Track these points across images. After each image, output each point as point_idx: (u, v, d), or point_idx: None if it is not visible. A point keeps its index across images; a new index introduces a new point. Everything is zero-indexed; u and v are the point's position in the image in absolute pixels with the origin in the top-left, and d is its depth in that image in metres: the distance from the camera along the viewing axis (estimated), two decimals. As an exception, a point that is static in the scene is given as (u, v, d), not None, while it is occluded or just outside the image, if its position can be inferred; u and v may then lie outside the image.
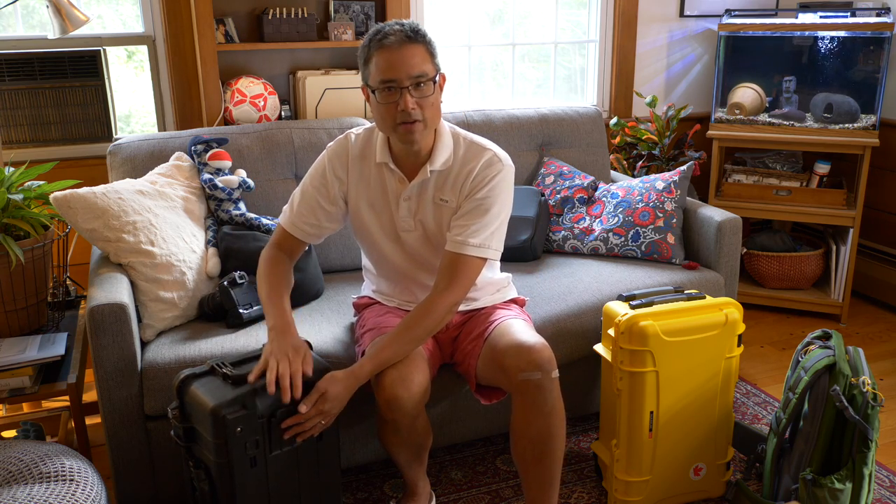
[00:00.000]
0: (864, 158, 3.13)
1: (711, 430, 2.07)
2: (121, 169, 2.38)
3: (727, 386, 2.05)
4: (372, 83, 1.76)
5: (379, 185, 1.91)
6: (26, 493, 1.52)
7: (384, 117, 1.78)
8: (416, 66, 1.72)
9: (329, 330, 2.11)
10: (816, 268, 3.35)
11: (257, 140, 2.52)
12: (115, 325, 1.85)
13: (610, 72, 3.51)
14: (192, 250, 2.17)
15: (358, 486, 2.21)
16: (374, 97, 1.77)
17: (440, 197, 1.88)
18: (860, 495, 1.91)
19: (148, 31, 2.81)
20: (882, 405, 1.89)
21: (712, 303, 2.03)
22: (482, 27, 3.36)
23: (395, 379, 1.72)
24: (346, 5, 2.91)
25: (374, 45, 1.74)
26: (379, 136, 1.90)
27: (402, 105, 1.73)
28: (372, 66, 1.75)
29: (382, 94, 1.74)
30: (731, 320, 2.00)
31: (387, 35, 1.73)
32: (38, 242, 2.10)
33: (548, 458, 1.80)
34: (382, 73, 1.73)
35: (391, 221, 1.92)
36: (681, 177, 2.64)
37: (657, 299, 2.02)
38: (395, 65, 1.71)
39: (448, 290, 1.79)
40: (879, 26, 3.06)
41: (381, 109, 1.77)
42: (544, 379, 1.73)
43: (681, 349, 1.95)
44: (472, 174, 1.85)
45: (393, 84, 1.72)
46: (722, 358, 2.02)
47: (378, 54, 1.73)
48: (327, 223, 1.94)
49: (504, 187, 1.86)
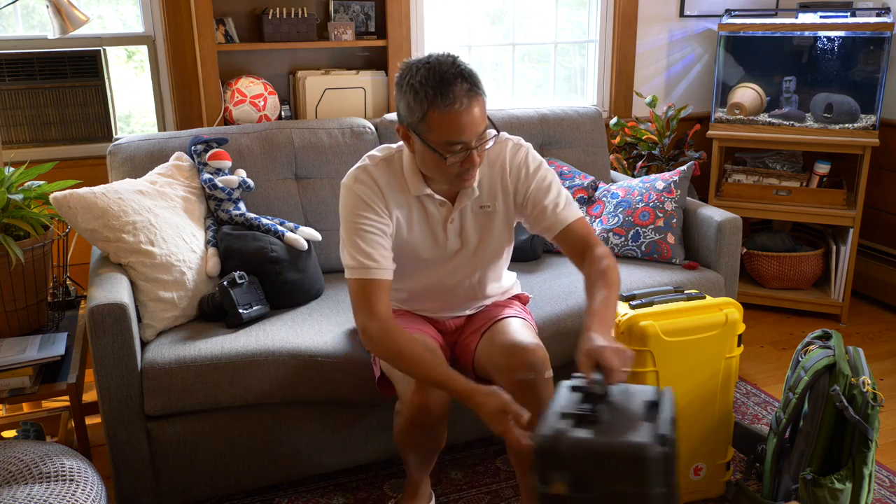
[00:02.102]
0: (864, 158, 3.13)
1: (711, 430, 2.07)
2: (121, 169, 2.38)
3: (727, 386, 2.05)
4: (431, 141, 1.63)
5: (421, 213, 1.82)
6: (26, 493, 1.52)
7: (441, 170, 1.68)
8: (482, 121, 1.64)
9: (329, 330, 2.11)
10: (816, 268, 3.35)
11: (257, 140, 2.52)
12: (115, 325, 1.85)
13: (610, 72, 3.51)
14: (191, 250, 2.17)
15: (358, 486, 2.21)
16: (427, 150, 1.65)
17: (480, 205, 1.85)
18: (860, 495, 1.91)
19: (148, 31, 2.81)
20: (882, 405, 1.89)
21: (712, 303, 2.03)
22: (482, 27, 3.36)
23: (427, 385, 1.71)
24: (346, 5, 2.91)
25: (436, 100, 1.59)
26: (410, 168, 1.77)
27: (469, 163, 1.66)
28: (432, 122, 1.61)
29: (446, 154, 1.64)
30: (732, 320, 2.00)
31: (453, 98, 1.58)
32: (38, 242, 2.10)
33: None
34: (450, 136, 1.61)
35: (437, 245, 1.86)
36: (681, 177, 2.64)
37: (657, 299, 2.02)
38: (464, 128, 1.61)
39: (597, 244, 1.79)
40: (879, 26, 3.06)
41: (440, 165, 1.66)
42: (538, 379, 1.74)
43: (681, 349, 1.95)
44: (506, 170, 1.83)
45: (462, 146, 1.63)
46: (722, 358, 2.02)
47: (441, 114, 1.59)
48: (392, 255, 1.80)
49: (538, 157, 1.86)
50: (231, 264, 2.20)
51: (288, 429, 2.07)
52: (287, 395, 2.01)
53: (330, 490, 2.20)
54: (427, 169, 1.72)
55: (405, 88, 1.63)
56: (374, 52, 2.99)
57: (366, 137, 2.64)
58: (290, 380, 1.99)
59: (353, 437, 2.13)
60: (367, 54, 3.01)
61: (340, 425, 2.11)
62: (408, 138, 1.70)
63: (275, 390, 1.99)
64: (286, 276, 2.24)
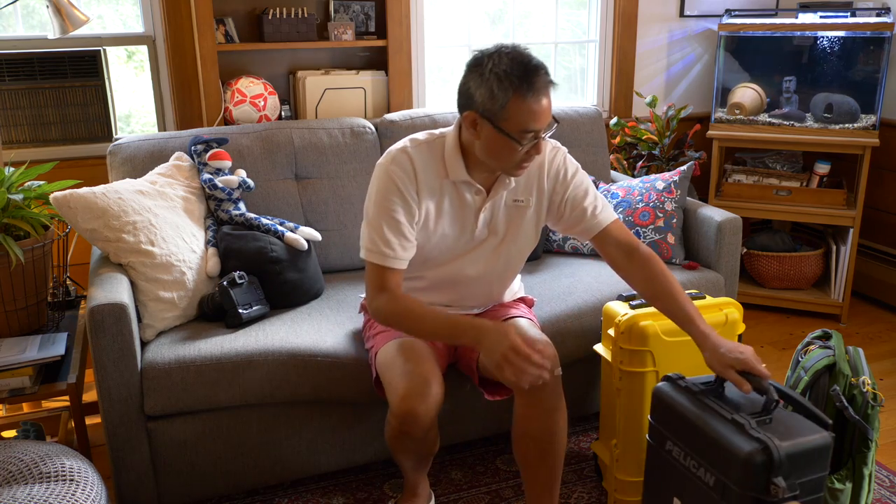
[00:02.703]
0: (864, 158, 3.13)
1: None
2: (121, 169, 2.38)
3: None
4: (507, 128, 1.66)
5: (454, 199, 1.84)
6: (26, 493, 1.52)
7: (506, 157, 1.71)
8: (550, 111, 1.69)
9: (329, 329, 2.11)
10: (816, 268, 3.35)
11: (257, 140, 2.52)
12: (115, 325, 1.85)
13: (610, 72, 3.51)
14: (191, 250, 2.17)
15: (358, 486, 2.21)
16: (499, 136, 1.68)
17: (513, 199, 1.88)
18: (860, 495, 1.91)
19: (148, 31, 2.81)
20: (882, 405, 1.89)
21: (712, 303, 2.02)
22: (482, 27, 3.36)
23: (413, 393, 1.70)
24: (346, 5, 2.91)
25: (521, 88, 1.63)
26: (453, 154, 1.79)
27: (536, 151, 1.71)
28: (513, 110, 1.64)
29: (522, 141, 1.68)
30: (731, 320, 2.00)
31: (538, 87, 1.64)
32: (38, 242, 2.10)
33: (550, 456, 1.80)
34: (528, 123, 1.65)
35: (464, 232, 1.87)
36: (681, 177, 2.64)
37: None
38: (540, 117, 1.66)
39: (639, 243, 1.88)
40: (879, 26, 3.06)
41: (508, 151, 1.69)
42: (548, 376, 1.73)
43: (681, 349, 1.95)
44: (543, 170, 1.87)
45: (535, 134, 1.68)
46: None
47: (524, 102, 1.64)
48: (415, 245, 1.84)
49: (575, 162, 1.92)
50: (231, 264, 2.20)
51: (288, 429, 2.07)
52: (287, 395, 2.01)
53: (330, 490, 2.20)
54: (491, 155, 1.73)
55: (488, 76, 1.65)
56: (374, 52, 2.99)
57: (366, 137, 2.64)
58: (290, 380, 1.99)
59: (353, 437, 2.13)
60: (367, 54, 3.01)
61: (340, 425, 2.11)
62: (475, 125, 1.71)
63: (275, 390, 1.99)
64: (286, 276, 2.24)
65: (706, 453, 1.65)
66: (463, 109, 1.72)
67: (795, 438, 1.59)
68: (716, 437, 1.62)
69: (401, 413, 1.70)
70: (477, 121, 1.70)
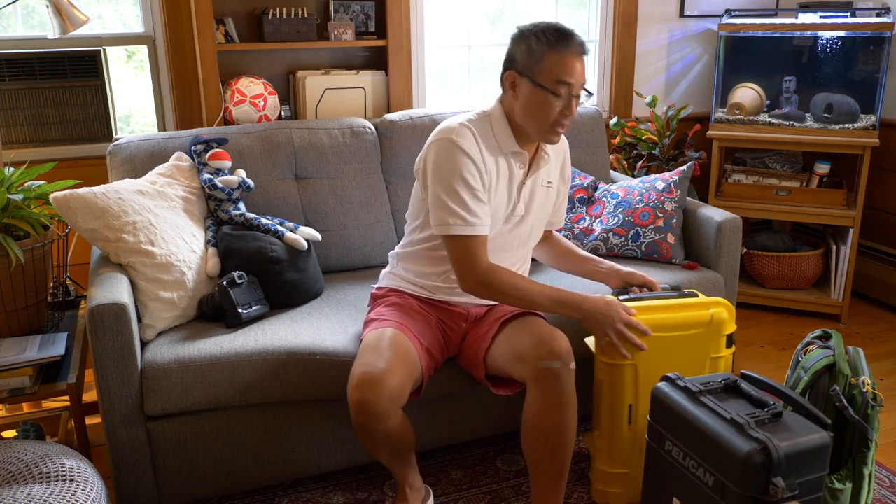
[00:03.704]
0: (864, 158, 3.13)
1: None
2: (121, 169, 2.38)
3: None
4: (543, 80, 1.80)
5: (507, 172, 1.94)
6: (26, 493, 1.52)
7: (542, 114, 1.83)
8: (584, 76, 1.84)
9: (329, 329, 2.11)
10: (816, 268, 3.35)
11: (257, 140, 2.52)
12: (115, 325, 1.86)
13: (610, 72, 3.51)
14: (191, 250, 2.17)
15: (358, 486, 2.21)
16: (537, 92, 1.81)
17: (547, 180, 2.04)
18: (860, 495, 1.92)
19: (148, 31, 2.81)
20: (882, 405, 1.89)
21: (700, 301, 2.02)
22: (482, 27, 3.36)
23: (366, 381, 1.71)
24: (346, 5, 2.91)
25: (559, 47, 1.79)
26: (500, 125, 1.91)
27: (570, 110, 1.83)
28: (548, 62, 1.79)
29: (551, 93, 1.80)
30: (718, 320, 1.98)
31: (570, 42, 1.80)
32: (38, 242, 2.10)
33: (559, 449, 1.81)
34: (562, 74, 1.79)
35: (509, 206, 1.96)
36: (681, 177, 2.64)
37: (648, 295, 2.02)
38: (575, 70, 1.80)
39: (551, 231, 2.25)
40: (879, 26, 3.06)
41: (543, 107, 1.82)
42: (563, 369, 1.75)
43: (660, 345, 1.94)
44: (566, 158, 2.12)
45: (569, 87, 1.80)
46: (707, 357, 2.00)
47: (559, 55, 1.79)
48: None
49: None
50: (231, 264, 2.20)
51: (288, 429, 2.07)
52: (287, 395, 2.01)
53: (330, 490, 2.20)
54: (529, 114, 1.85)
55: (527, 36, 1.83)
56: (374, 52, 2.99)
57: (366, 137, 2.64)
58: (290, 379, 1.99)
59: (353, 437, 2.13)
60: (367, 54, 3.01)
61: (340, 425, 2.11)
62: (514, 86, 1.86)
63: (275, 390, 1.99)
64: (286, 276, 2.24)
65: (705, 453, 1.66)
66: (504, 72, 1.88)
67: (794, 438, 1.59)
68: (715, 437, 1.62)
69: (352, 402, 1.72)
70: (516, 80, 1.85)
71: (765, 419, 1.64)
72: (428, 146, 1.89)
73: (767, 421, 1.64)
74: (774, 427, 1.62)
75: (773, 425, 1.63)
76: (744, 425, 1.60)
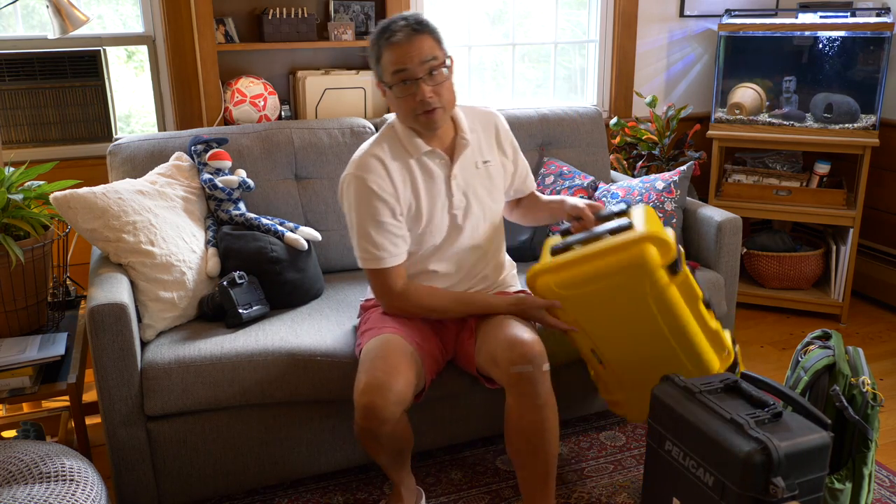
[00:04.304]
0: (864, 158, 3.13)
1: (672, 351, 1.91)
2: (121, 169, 2.38)
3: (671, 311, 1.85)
4: (386, 79, 1.83)
5: (425, 175, 1.92)
6: (26, 493, 1.52)
7: (404, 110, 1.85)
8: (427, 53, 1.79)
9: (329, 329, 2.11)
10: (816, 268, 3.35)
11: (257, 140, 2.52)
12: (115, 325, 1.86)
13: (610, 72, 3.51)
14: (191, 250, 2.17)
15: (358, 486, 2.21)
16: (391, 92, 1.84)
17: (481, 161, 1.99)
18: (860, 495, 1.92)
19: (148, 31, 2.81)
20: (882, 405, 1.89)
21: (622, 243, 1.82)
22: (482, 27, 3.36)
23: (373, 386, 1.71)
24: (346, 5, 2.91)
25: (384, 43, 1.80)
26: (404, 133, 1.91)
27: (420, 95, 1.80)
28: (384, 61, 1.81)
29: (399, 87, 1.81)
30: (639, 261, 1.80)
31: (394, 32, 1.79)
32: (38, 242, 2.10)
33: (542, 451, 1.81)
34: (395, 64, 1.79)
35: (446, 204, 1.94)
36: (681, 177, 2.64)
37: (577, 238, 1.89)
38: (405, 56, 1.78)
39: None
40: (879, 26, 3.06)
41: (401, 103, 1.84)
42: (535, 372, 1.75)
43: (587, 299, 1.87)
44: (498, 130, 2.05)
45: (406, 74, 1.79)
46: (645, 296, 1.83)
47: (388, 50, 1.80)
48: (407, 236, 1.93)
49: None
50: (231, 264, 2.20)
51: (288, 429, 2.07)
52: (287, 395, 2.01)
53: (330, 490, 2.20)
54: (398, 113, 1.88)
55: (370, 47, 1.86)
56: (374, 52, 2.99)
57: (366, 137, 2.64)
58: (290, 379, 1.99)
59: (352, 436, 2.13)
60: (367, 54, 3.01)
61: (340, 425, 2.11)
62: (384, 95, 1.89)
63: (275, 390, 1.99)
64: (286, 276, 2.24)
65: (705, 453, 1.66)
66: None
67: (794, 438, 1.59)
68: (715, 437, 1.62)
69: (359, 407, 1.72)
70: (381, 89, 1.89)
71: (765, 419, 1.64)
72: (341, 179, 1.92)
73: (767, 421, 1.64)
74: (774, 427, 1.62)
75: (773, 425, 1.63)
76: (744, 425, 1.60)
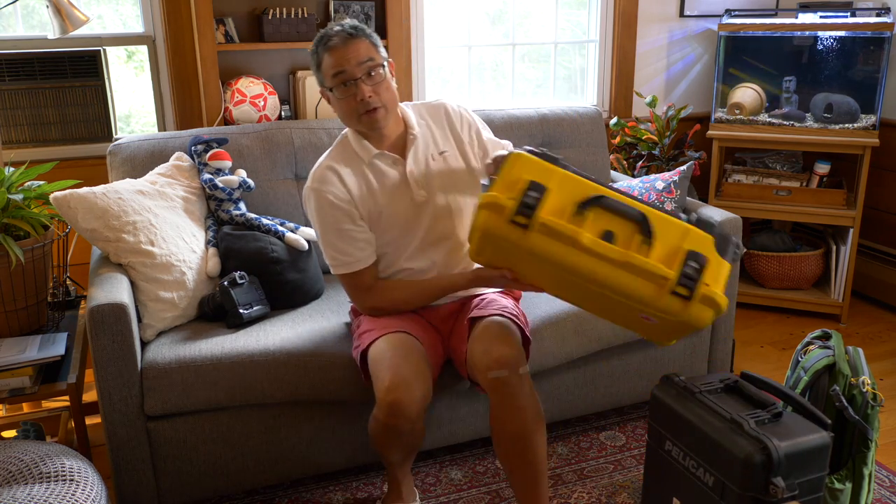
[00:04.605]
0: (864, 158, 3.13)
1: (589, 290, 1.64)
2: (121, 169, 2.38)
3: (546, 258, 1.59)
4: (327, 83, 1.87)
5: (379, 177, 1.94)
6: (26, 493, 1.52)
7: (347, 112, 1.88)
8: (363, 55, 1.83)
9: (329, 330, 2.11)
10: (816, 268, 3.35)
11: (257, 140, 2.52)
12: (115, 325, 1.86)
13: (610, 72, 3.51)
14: (192, 250, 2.17)
15: (358, 486, 2.21)
16: (333, 96, 1.88)
17: (437, 152, 1.99)
18: (860, 495, 1.92)
19: (148, 31, 2.81)
20: (882, 405, 1.89)
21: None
22: (482, 27, 3.36)
23: (399, 384, 1.72)
24: (346, 5, 2.91)
25: (322, 49, 1.86)
26: (354, 139, 1.95)
27: (360, 95, 1.83)
28: (323, 67, 1.86)
29: (339, 89, 1.84)
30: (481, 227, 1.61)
31: (330, 37, 1.85)
32: (38, 242, 2.10)
33: (529, 453, 1.80)
34: (333, 67, 1.83)
35: (407, 202, 1.94)
36: (681, 177, 2.64)
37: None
38: (342, 59, 1.82)
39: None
40: (879, 26, 3.06)
41: (342, 104, 1.87)
42: (511, 376, 1.75)
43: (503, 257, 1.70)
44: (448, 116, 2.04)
45: (345, 76, 1.82)
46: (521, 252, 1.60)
47: (326, 55, 1.84)
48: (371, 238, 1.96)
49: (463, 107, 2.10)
50: (231, 264, 2.20)
51: (288, 429, 2.07)
52: (287, 395, 2.01)
53: (330, 490, 2.20)
54: (342, 117, 1.91)
55: (311, 57, 1.90)
56: (374, 52, 2.99)
57: (366, 137, 2.64)
58: (290, 380, 1.99)
59: (352, 437, 2.13)
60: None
61: (340, 425, 2.11)
62: (329, 102, 1.92)
63: (275, 390, 1.99)
64: (286, 276, 2.24)
65: (705, 453, 1.66)
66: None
67: (794, 438, 1.59)
68: (715, 437, 1.62)
69: (386, 404, 1.72)
70: (324, 95, 1.92)
71: (765, 419, 1.64)
72: (303, 192, 1.97)
73: (767, 421, 1.64)
74: (774, 427, 1.63)
75: (773, 425, 1.63)
76: (744, 425, 1.60)
